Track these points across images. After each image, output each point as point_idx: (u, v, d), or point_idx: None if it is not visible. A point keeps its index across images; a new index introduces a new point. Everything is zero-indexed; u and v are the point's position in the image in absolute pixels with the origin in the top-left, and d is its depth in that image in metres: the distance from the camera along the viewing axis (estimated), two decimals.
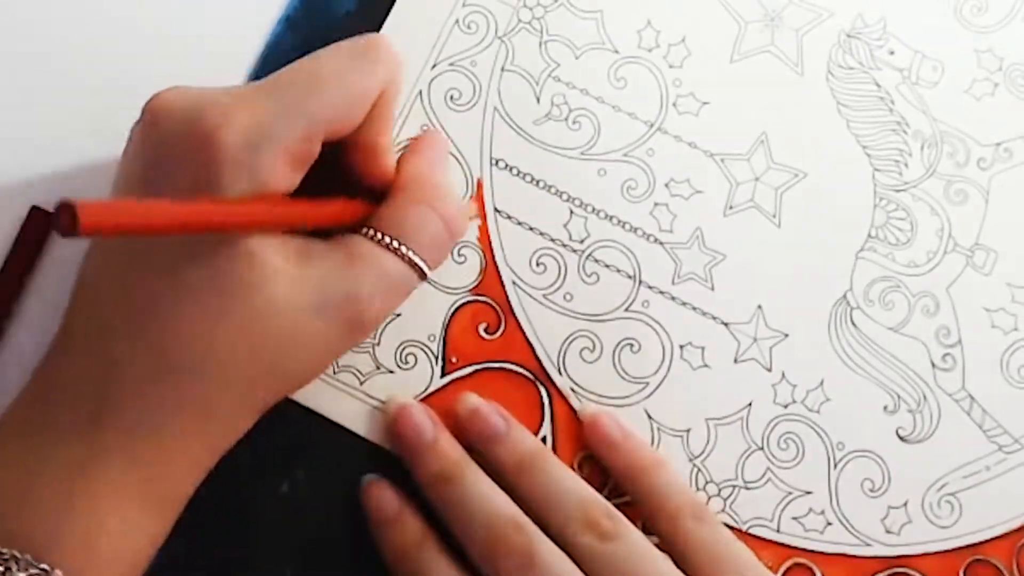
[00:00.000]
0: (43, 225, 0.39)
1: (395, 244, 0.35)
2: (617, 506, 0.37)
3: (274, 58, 0.41)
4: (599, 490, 0.39)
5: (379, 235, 0.34)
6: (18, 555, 0.30)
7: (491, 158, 0.41)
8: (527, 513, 0.36)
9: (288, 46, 0.41)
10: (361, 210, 0.36)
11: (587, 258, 0.41)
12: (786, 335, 0.41)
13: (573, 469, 0.39)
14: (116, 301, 0.33)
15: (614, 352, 0.40)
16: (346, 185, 0.36)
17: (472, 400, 0.38)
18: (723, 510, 0.39)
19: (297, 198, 0.34)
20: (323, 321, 0.33)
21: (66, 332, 0.34)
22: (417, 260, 0.35)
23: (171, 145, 0.32)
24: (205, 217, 0.30)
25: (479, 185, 0.41)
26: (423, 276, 0.36)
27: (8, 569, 0.29)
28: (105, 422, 0.32)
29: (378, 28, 0.41)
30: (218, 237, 0.32)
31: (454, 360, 0.40)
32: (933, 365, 0.41)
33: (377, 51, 0.34)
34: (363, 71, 0.34)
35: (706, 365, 0.40)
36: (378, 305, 0.34)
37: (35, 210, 0.39)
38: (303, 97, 0.33)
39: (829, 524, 0.40)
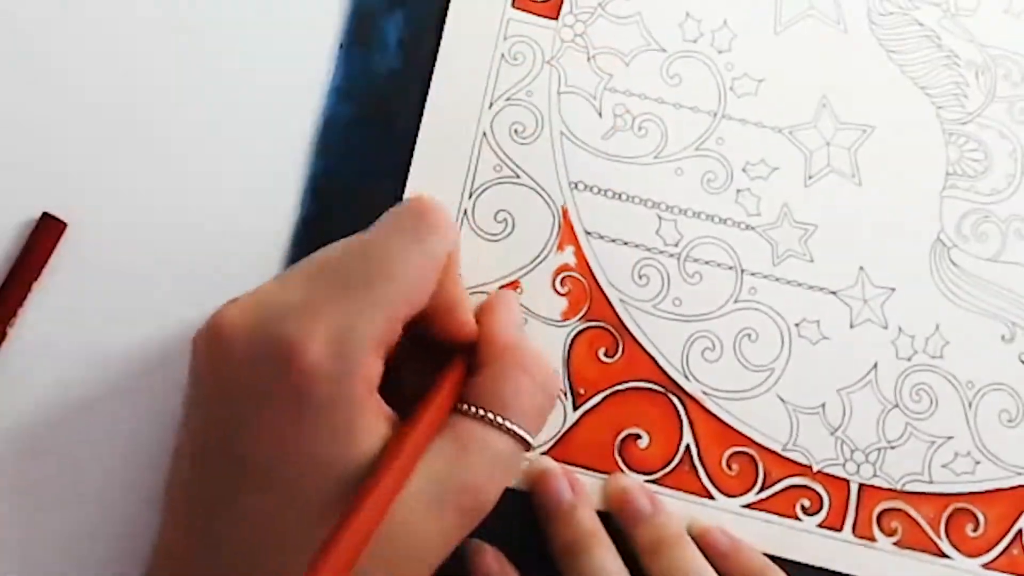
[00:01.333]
0: (53, 231, 0.38)
1: (499, 420, 0.33)
2: None
3: (335, 132, 0.41)
4: (749, 489, 0.39)
5: (482, 411, 0.33)
6: None
7: (569, 182, 0.41)
8: None
9: (347, 118, 0.41)
10: (459, 374, 0.35)
11: (686, 259, 0.41)
12: (893, 289, 0.41)
13: (721, 469, 0.39)
14: (221, 516, 0.32)
15: (734, 345, 0.40)
16: (425, 341, 0.36)
17: (621, 481, 0.38)
18: (874, 475, 0.40)
19: (411, 419, 0.32)
20: (439, 515, 0.32)
21: (168, 544, 0.33)
22: (522, 433, 0.34)
23: (244, 365, 0.31)
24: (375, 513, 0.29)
25: (564, 212, 0.40)
26: (528, 447, 0.35)
27: None
28: None
29: (426, 81, 0.41)
30: (322, 445, 0.31)
31: (582, 391, 0.40)
32: None
33: (433, 220, 0.33)
34: (427, 246, 0.33)
35: (825, 337, 0.40)
36: (493, 488, 0.33)
37: (46, 216, 0.39)
38: (377, 290, 0.32)
39: (978, 463, 0.40)
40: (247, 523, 0.31)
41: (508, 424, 0.33)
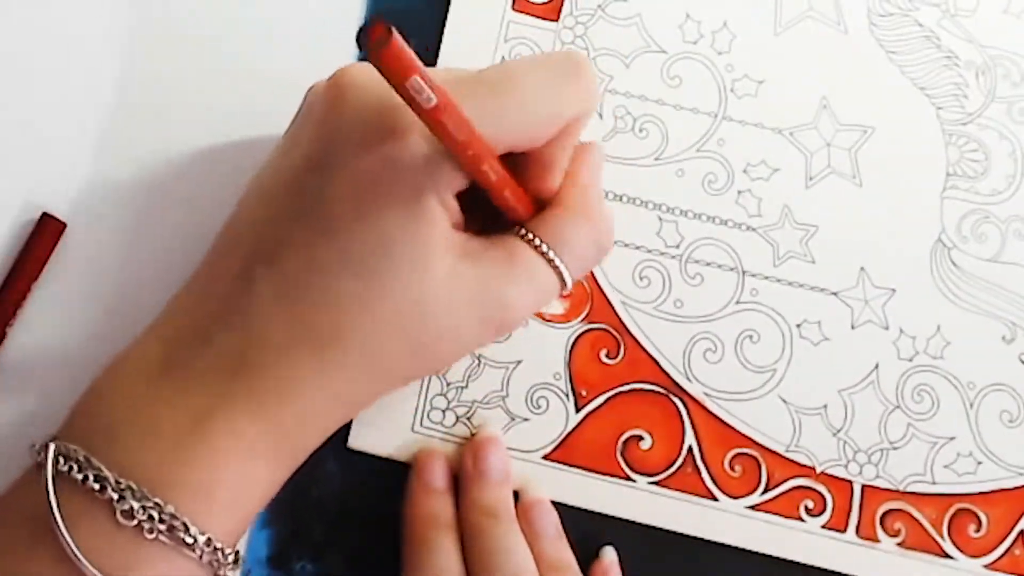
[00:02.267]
0: (53, 231, 0.39)
1: (550, 253, 0.35)
2: None
3: None
4: (752, 490, 0.39)
5: (538, 240, 0.35)
6: (134, 486, 0.30)
7: None
8: None
9: None
10: (532, 209, 0.36)
11: (687, 261, 0.41)
12: (893, 290, 0.41)
13: (724, 470, 0.39)
14: (269, 251, 0.33)
15: (736, 347, 0.40)
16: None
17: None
18: (877, 476, 0.40)
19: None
20: (475, 319, 0.33)
21: (210, 276, 0.34)
22: (564, 272, 0.35)
23: (354, 130, 0.32)
24: (457, 119, 0.30)
25: None
26: (563, 289, 0.35)
27: (123, 498, 0.30)
28: (240, 378, 0.32)
29: None
30: (392, 215, 0.32)
31: (584, 393, 0.40)
32: None
33: (581, 74, 0.34)
34: (564, 94, 0.33)
35: (826, 338, 0.40)
36: (522, 313, 0.35)
37: (46, 216, 0.39)
38: (500, 107, 0.32)
39: (979, 463, 0.40)
40: (298, 261, 0.32)
41: (557, 261, 0.34)
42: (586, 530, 0.39)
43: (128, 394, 0.32)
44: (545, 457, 0.39)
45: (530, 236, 0.35)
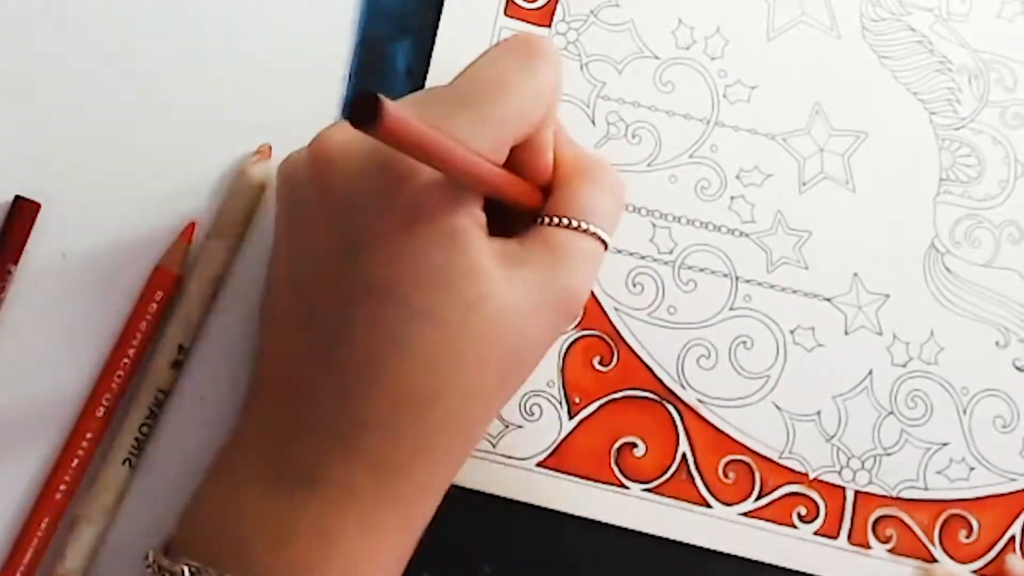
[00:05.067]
0: (28, 213, 0.38)
1: (584, 225, 0.35)
2: None
3: None
4: (746, 497, 0.39)
5: (566, 220, 0.35)
6: None
7: None
8: None
9: None
10: (540, 195, 0.36)
11: (680, 267, 0.41)
12: (887, 296, 0.41)
13: (718, 477, 0.39)
14: (336, 336, 0.33)
15: (729, 353, 0.40)
16: None
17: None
18: (870, 482, 0.40)
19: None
20: (545, 319, 0.34)
21: (280, 383, 0.34)
22: (603, 235, 0.35)
23: (365, 196, 0.32)
24: (461, 155, 0.30)
25: None
26: (605, 245, 0.36)
27: None
28: (355, 463, 0.32)
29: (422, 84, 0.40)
30: (433, 253, 0.32)
31: (577, 400, 0.40)
32: None
33: (543, 51, 0.34)
34: (538, 73, 0.34)
35: (820, 344, 0.40)
36: (586, 287, 0.35)
37: (19, 199, 0.38)
38: (493, 107, 0.32)
39: (972, 469, 0.40)
40: (371, 335, 0.32)
41: (592, 228, 0.35)
42: (579, 538, 0.39)
43: (249, 505, 0.32)
44: (539, 464, 0.39)
45: (557, 220, 0.35)
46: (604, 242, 0.35)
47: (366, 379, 0.32)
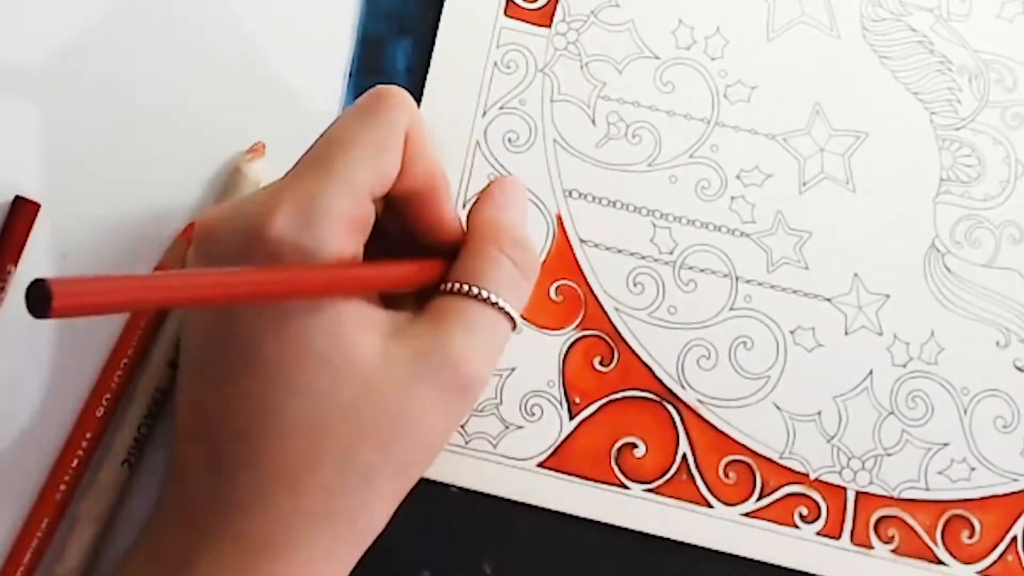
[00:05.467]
0: (28, 215, 0.38)
1: (474, 291, 0.34)
2: None
3: None
4: (747, 498, 0.39)
5: (456, 285, 0.34)
6: None
7: (564, 191, 0.41)
8: None
9: None
10: (439, 269, 0.35)
11: (681, 267, 0.40)
12: (887, 296, 0.41)
13: (718, 477, 0.39)
14: (218, 411, 0.32)
15: (729, 353, 0.40)
16: (422, 251, 0.36)
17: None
18: (871, 482, 0.40)
19: (369, 261, 0.33)
20: (428, 389, 0.32)
21: (180, 458, 0.34)
22: (501, 302, 0.34)
23: (226, 257, 0.32)
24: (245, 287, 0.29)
25: (558, 220, 0.40)
26: (512, 321, 0.35)
27: None
28: (225, 550, 0.31)
29: (421, 89, 0.40)
30: (303, 324, 0.31)
31: (577, 401, 0.40)
32: None
33: (385, 98, 0.34)
34: (380, 122, 0.33)
35: (820, 344, 0.40)
36: (477, 360, 0.33)
37: (19, 199, 0.38)
38: (334, 163, 0.32)
39: (973, 470, 0.40)
40: (242, 410, 0.31)
41: (491, 296, 0.34)
42: (580, 538, 0.39)
43: None
44: (539, 465, 0.39)
45: (454, 286, 0.34)
46: (508, 315, 0.34)
47: (238, 455, 0.32)
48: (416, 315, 0.34)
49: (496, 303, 0.34)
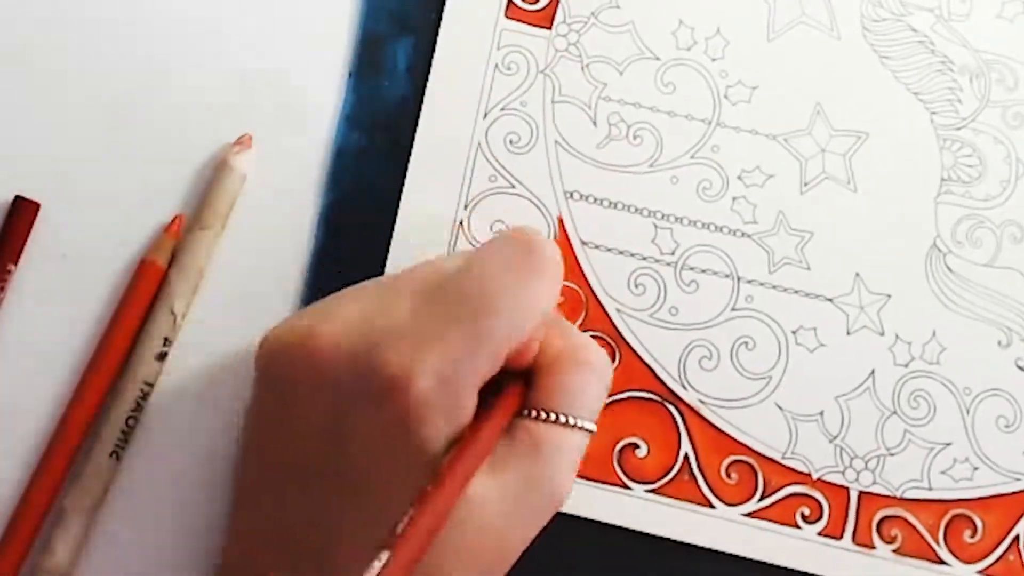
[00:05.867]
0: (28, 215, 0.38)
1: (572, 420, 0.34)
2: None
3: (347, 161, 0.41)
4: (749, 498, 0.39)
5: (552, 416, 0.34)
6: None
7: (565, 192, 0.41)
8: None
9: (358, 147, 0.41)
10: (520, 396, 0.35)
11: (682, 268, 0.40)
12: (889, 296, 0.41)
13: (720, 477, 0.39)
14: (320, 551, 0.32)
15: (731, 354, 0.40)
16: None
17: None
18: (874, 482, 0.40)
19: (476, 423, 0.33)
20: (529, 517, 0.33)
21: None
22: (588, 425, 0.34)
23: (346, 391, 0.32)
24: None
25: (559, 222, 0.40)
26: (592, 435, 0.35)
27: None
28: None
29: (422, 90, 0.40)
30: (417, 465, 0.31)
31: None
32: None
33: (543, 258, 0.34)
34: (535, 286, 0.33)
35: (822, 344, 0.40)
36: (569, 484, 0.34)
37: (19, 199, 0.39)
38: (485, 327, 0.32)
39: (976, 469, 0.40)
40: (347, 535, 0.31)
41: (579, 422, 0.34)
42: (583, 538, 0.39)
43: None
44: None
45: (542, 414, 0.34)
46: (590, 432, 0.34)
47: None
48: (508, 442, 0.34)
49: (584, 427, 0.34)
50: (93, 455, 0.37)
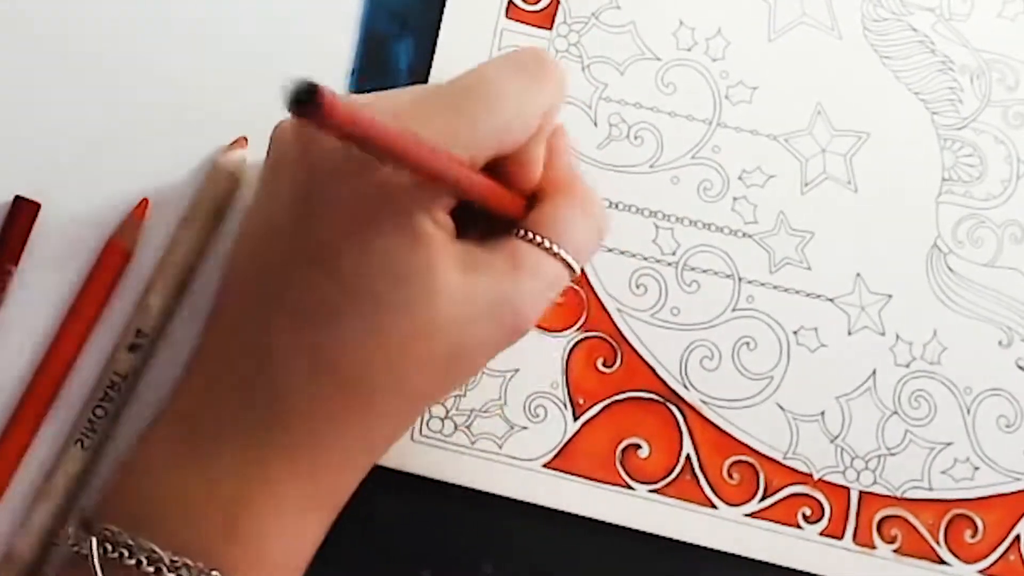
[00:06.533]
0: (28, 215, 0.39)
1: (556, 248, 0.34)
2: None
3: None
4: (751, 498, 0.39)
5: (538, 238, 0.34)
6: (190, 563, 0.30)
7: None
8: None
9: None
10: (521, 208, 0.35)
11: (683, 268, 0.41)
12: (890, 296, 0.41)
13: (722, 478, 0.39)
14: (275, 297, 0.33)
15: (732, 354, 0.40)
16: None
17: None
18: (874, 482, 0.40)
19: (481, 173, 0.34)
20: (487, 330, 0.33)
21: (220, 336, 0.34)
22: (571, 261, 0.35)
23: (335, 161, 0.32)
24: (421, 154, 0.30)
25: None
26: (573, 275, 0.35)
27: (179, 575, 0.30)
28: (272, 438, 0.32)
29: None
30: (389, 241, 0.32)
31: (581, 402, 0.40)
32: None
33: (547, 68, 0.34)
34: (536, 91, 0.34)
35: (823, 344, 0.40)
36: (535, 311, 0.34)
37: (19, 199, 0.39)
38: (482, 116, 0.32)
39: (976, 469, 0.40)
40: (303, 302, 0.32)
41: (562, 252, 0.34)
42: (586, 538, 0.39)
43: (165, 471, 0.32)
44: (545, 466, 0.39)
45: (529, 234, 0.34)
46: (571, 267, 0.35)
47: (295, 352, 0.32)
48: (489, 251, 0.34)
49: (567, 260, 0.35)
50: (62, 444, 0.38)
